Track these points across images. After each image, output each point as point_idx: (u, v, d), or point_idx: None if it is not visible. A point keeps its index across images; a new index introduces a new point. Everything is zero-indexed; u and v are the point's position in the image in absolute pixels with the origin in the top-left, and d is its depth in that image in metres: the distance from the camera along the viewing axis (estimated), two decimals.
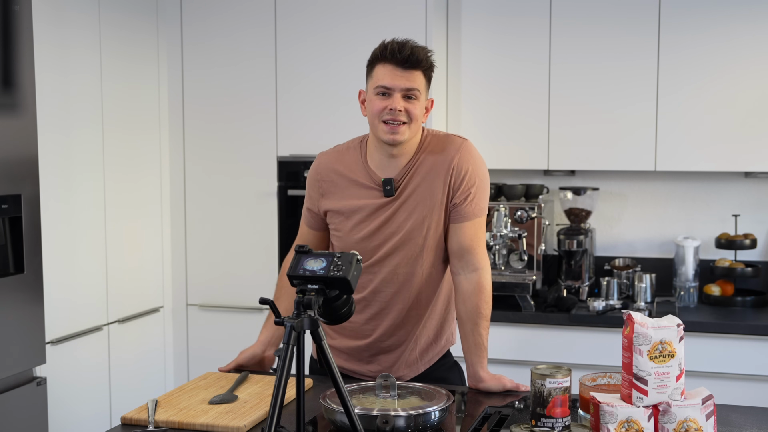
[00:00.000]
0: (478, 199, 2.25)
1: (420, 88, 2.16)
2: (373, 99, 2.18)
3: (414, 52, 2.14)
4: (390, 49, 2.14)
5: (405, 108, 2.15)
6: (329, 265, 1.68)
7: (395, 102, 2.14)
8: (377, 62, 2.17)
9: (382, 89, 2.15)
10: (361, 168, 2.26)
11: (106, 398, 3.45)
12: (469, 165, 2.23)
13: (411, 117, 2.16)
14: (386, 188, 2.22)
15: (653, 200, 3.98)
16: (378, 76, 2.16)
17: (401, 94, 2.14)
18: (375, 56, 2.18)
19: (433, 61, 2.20)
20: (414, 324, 2.32)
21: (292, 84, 3.69)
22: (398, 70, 2.14)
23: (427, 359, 2.37)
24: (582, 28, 3.66)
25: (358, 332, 2.33)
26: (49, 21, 3.09)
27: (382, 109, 2.15)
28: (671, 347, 1.71)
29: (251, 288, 3.79)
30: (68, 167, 3.20)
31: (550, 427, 1.81)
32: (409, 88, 2.15)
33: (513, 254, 3.68)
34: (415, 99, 2.16)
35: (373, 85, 2.18)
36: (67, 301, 3.20)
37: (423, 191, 2.22)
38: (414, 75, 2.15)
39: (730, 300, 3.66)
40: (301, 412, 1.65)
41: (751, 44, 3.52)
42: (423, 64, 2.16)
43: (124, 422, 1.98)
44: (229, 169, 3.80)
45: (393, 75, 2.14)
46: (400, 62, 2.13)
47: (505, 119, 3.78)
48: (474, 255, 2.26)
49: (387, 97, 2.15)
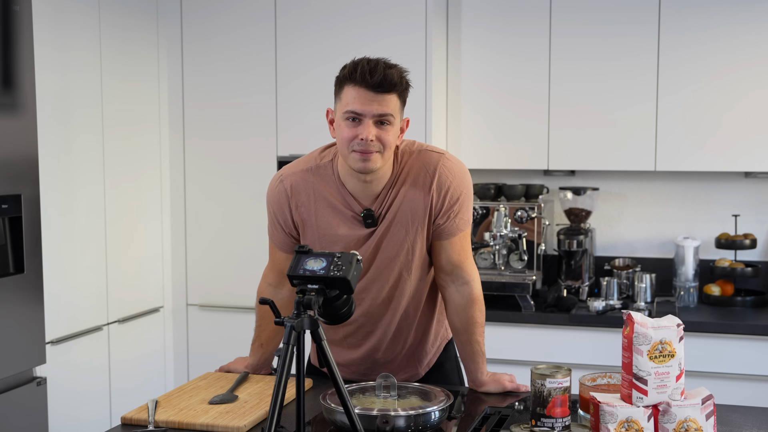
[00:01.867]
0: (462, 213, 2.15)
1: (394, 112, 1.99)
2: (342, 124, 2.00)
3: (387, 75, 1.95)
4: (360, 71, 1.95)
5: (377, 136, 1.97)
6: (329, 265, 1.68)
7: (366, 130, 1.96)
8: (346, 83, 1.98)
9: (351, 114, 1.97)
10: (338, 193, 2.12)
11: (106, 398, 3.45)
12: (450, 182, 2.11)
13: (384, 144, 1.99)
14: (367, 221, 2.10)
15: (653, 200, 3.98)
16: (347, 99, 1.97)
17: (373, 120, 1.97)
18: (344, 76, 1.99)
19: (408, 81, 2.03)
20: (405, 335, 2.28)
21: (292, 84, 3.69)
22: (370, 93, 1.95)
23: (426, 362, 2.36)
24: (582, 28, 3.66)
25: (351, 345, 2.30)
26: (49, 21, 3.09)
27: (352, 138, 1.98)
28: (671, 347, 1.71)
29: (251, 288, 3.76)
30: (68, 167, 3.20)
31: (550, 427, 1.81)
32: (382, 114, 1.97)
33: (513, 254, 3.68)
34: (389, 124, 1.99)
35: (342, 109, 1.99)
36: (67, 301, 3.20)
37: (404, 215, 2.11)
38: (387, 99, 1.97)
39: (730, 300, 3.66)
40: (301, 412, 1.65)
41: (751, 44, 3.52)
42: (397, 87, 1.98)
43: (124, 422, 1.98)
44: (229, 169, 3.80)
45: (364, 99, 1.95)
46: (372, 86, 1.95)
47: (505, 119, 3.78)
48: (463, 268, 2.19)
49: (357, 123, 1.97)
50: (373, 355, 2.29)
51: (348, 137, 1.99)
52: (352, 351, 2.30)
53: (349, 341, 2.29)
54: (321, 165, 2.15)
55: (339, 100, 2.03)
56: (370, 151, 1.99)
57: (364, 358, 2.30)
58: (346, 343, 2.30)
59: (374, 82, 1.95)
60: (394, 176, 2.11)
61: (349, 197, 2.11)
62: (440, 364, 2.39)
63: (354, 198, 2.11)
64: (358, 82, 1.96)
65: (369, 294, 2.20)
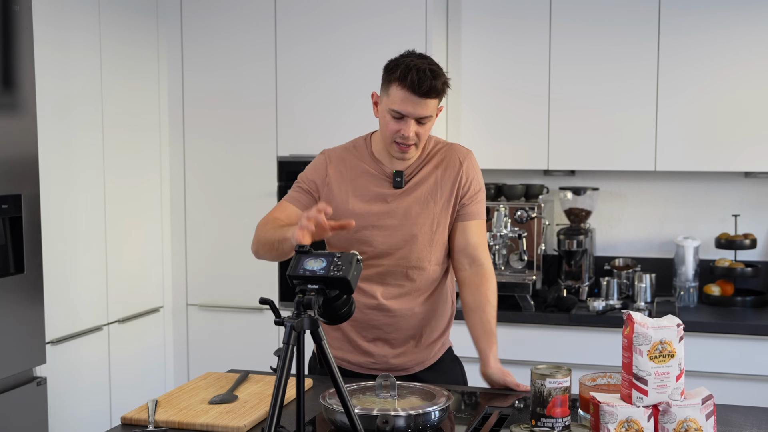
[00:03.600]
0: (482, 204, 2.38)
1: (433, 113, 2.23)
2: (386, 116, 2.22)
3: (433, 86, 2.17)
4: (411, 80, 2.15)
5: (416, 132, 2.22)
6: (329, 265, 1.68)
7: (408, 128, 2.20)
8: (395, 83, 2.18)
9: (396, 113, 2.20)
10: (370, 160, 2.33)
11: (106, 398, 3.45)
12: (474, 174, 2.36)
13: (420, 138, 2.24)
14: (396, 179, 2.29)
15: (653, 200, 3.98)
16: (394, 98, 2.19)
17: (414, 119, 2.20)
18: (394, 77, 2.19)
19: (448, 86, 2.24)
20: (421, 317, 2.34)
21: (292, 85, 3.69)
22: (415, 97, 2.17)
23: (434, 353, 2.40)
24: (582, 29, 3.66)
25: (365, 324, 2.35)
26: (49, 21, 3.09)
27: (395, 132, 2.21)
28: (671, 347, 1.71)
29: (251, 288, 3.79)
30: (68, 167, 3.20)
31: (550, 427, 1.81)
32: (423, 116, 2.20)
33: (513, 254, 3.68)
34: (427, 122, 2.23)
35: (388, 105, 2.21)
36: (67, 301, 3.20)
37: (432, 188, 2.31)
38: (429, 103, 2.20)
39: (730, 300, 3.66)
40: (301, 412, 1.65)
41: (751, 45, 3.52)
42: (440, 95, 2.21)
43: (124, 422, 1.98)
44: (229, 169, 3.80)
45: (409, 102, 2.17)
46: (418, 93, 2.17)
47: (505, 120, 3.78)
48: (480, 252, 2.35)
49: (400, 120, 2.20)
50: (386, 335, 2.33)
51: (392, 130, 2.22)
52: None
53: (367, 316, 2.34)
54: (357, 144, 2.38)
55: (386, 93, 2.23)
56: (409, 145, 2.24)
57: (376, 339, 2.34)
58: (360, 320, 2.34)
59: (421, 92, 2.16)
60: (424, 155, 2.34)
61: (379, 162, 2.33)
62: (442, 361, 2.42)
63: (384, 164, 2.33)
64: (407, 86, 2.16)
65: (390, 259, 2.30)
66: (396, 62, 2.21)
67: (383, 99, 2.24)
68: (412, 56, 2.22)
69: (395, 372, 2.34)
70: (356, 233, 2.29)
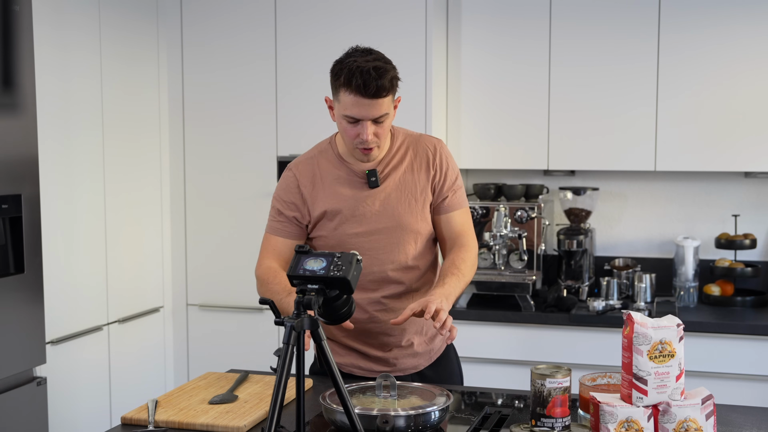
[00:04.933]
0: (462, 189, 2.37)
1: (388, 110, 2.17)
2: (342, 123, 2.19)
3: (380, 86, 2.10)
4: (356, 84, 2.09)
5: (375, 133, 2.17)
6: (329, 265, 1.68)
7: (365, 132, 2.15)
8: (341, 88, 2.14)
9: (350, 119, 2.16)
10: (339, 163, 2.30)
11: (106, 398, 3.45)
12: (448, 164, 2.34)
13: (380, 136, 2.20)
14: (371, 179, 2.26)
15: (653, 200, 3.98)
16: (345, 104, 2.14)
17: (370, 121, 2.15)
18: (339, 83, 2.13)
19: (397, 78, 2.17)
20: (416, 320, 2.32)
21: (292, 84, 3.69)
22: (365, 100, 2.11)
23: (437, 350, 2.40)
24: (582, 29, 3.66)
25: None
26: (49, 21, 3.09)
27: (354, 137, 2.18)
28: (671, 347, 1.71)
29: (251, 288, 3.76)
30: (68, 167, 3.20)
31: (550, 427, 1.81)
32: (378, 116, 2.15)
33: (513, 254, 3.68)
34: (385, 120, 2.17)
35: (341, 111, 2.16)
36: (67, 301, 3.20)
37: (407, 181, 2.29)
38: (381, 102, 2.13)
39: (729, 300, 3.66)
40: (301, 412, 1.65)
41: (751, 44, 3.52)
42: (389, 92, 2.15)
43: (124, 422, 1.98)
44: (229, 169, 3.80)
45: (359, 106, 2.12)
46: (367, 96, 2.11)
47: (505, 120, 3.78)
48: (466, 236, 2.34)
49: (356, 125, 2.16)
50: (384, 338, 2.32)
51: (351, 136, 2.19)
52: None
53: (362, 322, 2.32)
54: (322, 149, 2.35)
55: (337, 99, 2.18)
56: (371, 148, 2.21)
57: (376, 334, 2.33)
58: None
59: (369, 94, 2.11)
60: (393, 150, 2.31)
61: (350, 165, 2.30)
62: (441, 359, 2.43)
63: (354, 165, 2.30)
64: (353, 91, 2.12)
65: (377, 258, 2.26)
66: (340, 65, 2.15)
67: (336, 105, 2.19)
68: (356, 54, 2.15)
69: (409, 369, 2.35)
70: (346, 240, 2.27)
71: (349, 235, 2.27)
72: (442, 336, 2.13)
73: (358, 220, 2.27)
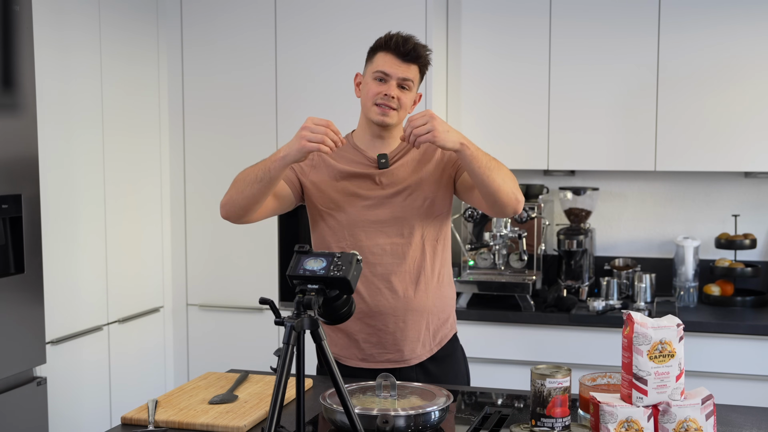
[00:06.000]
0: None
1: (414, 80, 2.33)
2: (370, 83, 2.33)
3: (416, 48, 2.31)
4: (395, 41, 2.30)
5: (398, 96, 2.31)
6: (329, 265, 1.68)
7: (390, 88, 2.30)
8: (380, 50, 2.32)
9: (380, 74, 2.30)
10: (351, 150, 2.39)
11: (106, 398, 3.45)
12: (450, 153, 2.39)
13: (401, 104, 2.32)
14: (381, 161, 2.34)
15: (653, 200, 3.98)
16: (378, 62, 2.31)
17: (397, 82, 2.30)
18: (379, 44, 2.33)
19: (430, 59, 2.37)
20: (421, 302, 2.36)
21: (292, 84, 3.69)
22: (398, 60, 2.30)
23: (438, 339, 2.42)
24: (582, 27, 3.66)
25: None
26: (49, 21, 3.09)
27: (377, 93, 2.31)
28: (671, 347, 1.71)
29: (251, 288, 3.79)
30: (68, 167, 3.20)
31: (550, 427, 1.81)
32: (405, 78, 2.31)
33: (513, 254, 3.68)
34: (408, 90, 2.33)
35: (372, 70, 2.32)
36: (67, 301, 3.20)
37: (418, 168, 2.36)
38: (411, 67, 2.32)
39: (729, 300, 3.66)
40: (301, 412, 1.65)
41: (751, 44, 3.52)
42: (421, 60, 2.34)
43: (124, 422, 1.99)
44: (229, 169, 3.77)
45: (393, 64, 2.30)
46: (402, 54, 2.29)
47: (505, 119, 3.78)
48: None
49: (383, 83, 2.31)
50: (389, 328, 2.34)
51: (374, 92, 2.31)
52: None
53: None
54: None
55: (370, 63, 2.35)
56: (391, 107, 2.31)
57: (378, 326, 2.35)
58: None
59: (404, 51, 2.29)
60: (402, 145, 2.39)
61: (361, 149, 2.39)
62: (448, 356, 2.44)
63: (366, 151, 2.38)
64: (391, 49, 2.30)
65: (384, 239, 2.33)
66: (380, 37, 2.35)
67: (367, 70, 2.35)
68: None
69: (413, 359, 2.37)
70: (352, 221, 2.34)
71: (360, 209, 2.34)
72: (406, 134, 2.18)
73: (366, 203, 2.35)
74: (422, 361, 2.38)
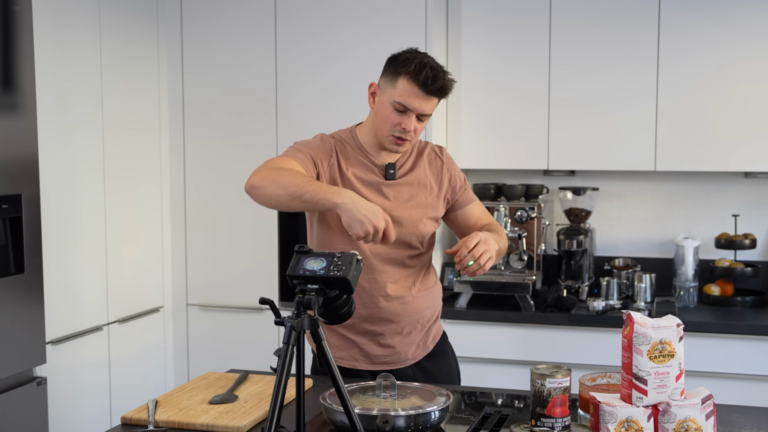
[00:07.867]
0: (470, 187, 2.50)
1: (433, 112, 2.28)
2: (388, 108, 2.24)
3: (444, 86, 2.23)
4: (424, 77, 2.19)
5: (415, 128, 2.25)
6: (329, 265, 1.68)
7: (410, 123, 2.23)
8: (406, 76, 2.20)
9: (402, 106, 2.22)
10: (360, 152, 2.36)
11: (106, 398, 3.45)
12: (455, 167, 2.47)
13: (416, 135, 2.29)
14: (389, 171, 2.33)
15: (653, 200, 3.98)
16: (402, 91, 2.21)
17: (416, 114, 2.23)
18: (407, 71, 2.20)
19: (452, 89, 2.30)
20: (417, 304, 2.36)
21: (292, 84, 3.69)
22: (423, 93, 2.21)
23: (432, 336, 2.43)
24: (582, 28, 3.66)
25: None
26: (49, 21, 3.09)
27: (396, 125, 2.23)
28: (671, 347, 1.71)
29: (251, 288, 3.79)
30: (68, 167, 3.20)
31: (550, 427, 1.81)
32: (427, 114, 2.25)
33: (513, 254, 3.68)
34: (426, 120, 2.27)
35: (393, 97, 2.22)
36: (67, 301, 3.20)
37: (422, 177, 2.38)
38: (434, 101, 2.25)
39: (729, 300, 3.66)
40: (301, 412, 1.65)
41: (751, 44, 3.52)
42: (446, 95, 2.27)
43: (124, 422, 1.98)
44: (229, 169, 3.79)
45: (417, 97, 2.21)
46: (429, 91, 2.21)
47: (505, 119, 3.78)
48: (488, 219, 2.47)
49: (402, 114, 2.23)
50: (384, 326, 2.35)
51: (392, 123, 2.24)
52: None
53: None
54: (344, 137, 2.38)
55: (392, 85, 2.24)
56: (405, 140, 2.26)
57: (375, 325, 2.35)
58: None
59: (433, 89, 2.21)
60: (408, 151, 2.39)
61: (370, 156, 2.35)
62: (441, 351, 2.45)
63: (374, 157, 2.36)
64: (419, 82, 2.19)
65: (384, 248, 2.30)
66: (408, 56, 2.23)
67: (387, 90, 2.24)
68: (421, 54, 2.26)
69: (404, 362, 2.37)
70: None
71: None
72: (462, 266, 2.19)
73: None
74: (419, 360, 2.40)
